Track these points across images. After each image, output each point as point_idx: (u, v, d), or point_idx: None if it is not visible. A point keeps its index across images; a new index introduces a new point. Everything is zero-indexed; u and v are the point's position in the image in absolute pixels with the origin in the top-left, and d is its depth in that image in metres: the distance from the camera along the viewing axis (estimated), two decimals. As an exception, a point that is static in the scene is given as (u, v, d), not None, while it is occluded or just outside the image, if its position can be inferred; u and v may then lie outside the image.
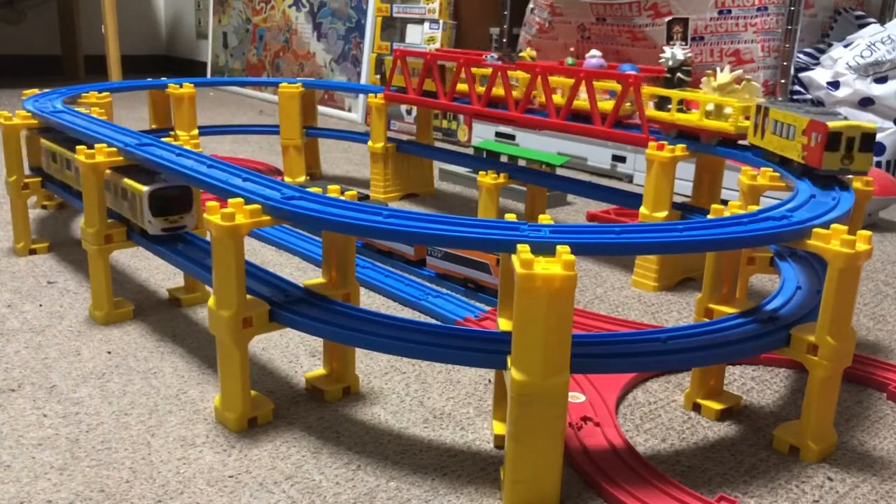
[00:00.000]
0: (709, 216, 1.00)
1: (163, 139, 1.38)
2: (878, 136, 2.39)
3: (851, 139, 1.13)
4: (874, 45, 2.39)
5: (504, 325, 0.97)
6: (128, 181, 1.25)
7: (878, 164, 2.38)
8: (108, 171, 1.28)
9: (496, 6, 3.23)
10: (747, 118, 1.42)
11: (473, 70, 1.88)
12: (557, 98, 1.75)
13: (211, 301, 1.00)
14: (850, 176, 1.18)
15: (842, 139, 1.12)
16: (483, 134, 2.91)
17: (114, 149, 1.30)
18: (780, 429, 1.03)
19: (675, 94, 1.55)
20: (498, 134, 2.87)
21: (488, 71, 1.83)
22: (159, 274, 1.59)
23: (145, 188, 1.22)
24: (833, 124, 1.12)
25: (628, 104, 1.61)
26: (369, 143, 2.19)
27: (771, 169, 1.29)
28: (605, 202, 1.85)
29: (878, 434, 1.07)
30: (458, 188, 2.44)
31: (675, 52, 1.58)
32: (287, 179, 2.31)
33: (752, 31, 2.38)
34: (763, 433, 1.06)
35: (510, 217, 0.93)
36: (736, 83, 1.47)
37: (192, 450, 0.98)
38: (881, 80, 2.38)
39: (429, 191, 2.34)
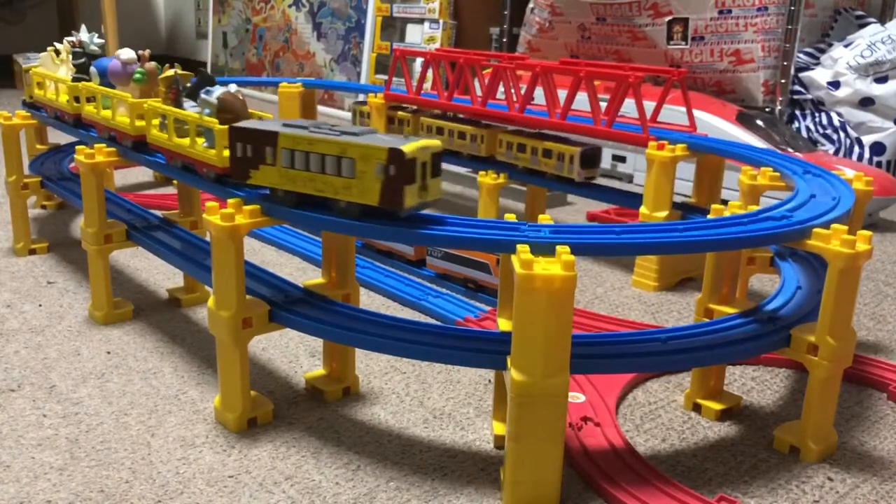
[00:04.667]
0: (709, 216, 1.00)
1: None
2: (878, 137, 2.39)
3: (424, 164, 0.90)
4: (874, 44, 2.39)
5: (504, 325, 0.97)
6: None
7: (879, 164, 2.38)
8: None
9: (496, 6, 3.23)
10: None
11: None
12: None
13: (211, 301, 1.00)
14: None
15: (416, 167, 0.88)
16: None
17: (113, 149, 1.30)
18: (781, 429, 1.03)
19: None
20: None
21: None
22: (159, 274, 1.59)
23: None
24: (409, 148, 0.87)
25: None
26: (369, 143, 2.18)
27: (771, 168, 1.29)
28: (605, 202, 1.84)
29: (878, 434, 1.07)
30: (458, 188, 2.43)
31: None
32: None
33: (753, 30, 2.38)
34: (763, 433, 1.06)
35: (510, 217, 0.93)
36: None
37: (192, 450, 0.98)
38: (881, 79, 2.38)
39: (429, 191, 2.33)
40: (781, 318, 1.02)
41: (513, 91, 1.78)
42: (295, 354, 1.26)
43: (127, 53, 1.33)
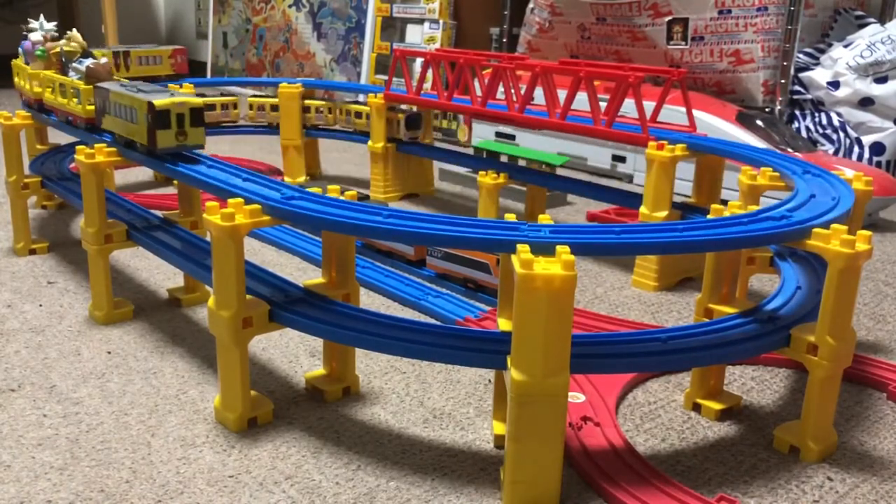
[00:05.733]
0: (709, 216, 1.01)
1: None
2: (878, 137, 2.39)
3: (181, 115, 1.19)
4: (874, 45, 2.39)
5: (504, 325, 0.97)
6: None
7: (878, 164, 2.38)
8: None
9: (496, 6, 3.23)
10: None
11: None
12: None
13: (211, 301, 1.00)
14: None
15: (171, 116, 1.18)
16: (483, 134, 2.91)
17: (114, 149, 1.30)
18: (780, 429, 1.03)
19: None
20: (498, 134, 2.87)
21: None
22: (159, 274, 1.59)
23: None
24: (159, 101, 1.17)
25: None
26: (369, 143, 2.19)
27: (771, 168, 1.29)
28: (605, 202, 1.85)
29: (878, 434, 1.07)
30: (458, 188, 2.44)
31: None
32: (287, 179, 2.31)
33: (752, 31, 2.38)
34: (763, 433, 1.06)
35: (510, 217, 0.93)
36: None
37: (192, 450, 0.98)
38: (881, 80, 2.38)
39: (429, 191, 2.34)
40: (781, 317, 1.02)
41: (513, 91, 1.78)
42: (295, 354, 1.26)
43: (35, 36, 1.67)
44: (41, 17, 1.79)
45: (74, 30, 1.87)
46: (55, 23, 1.80)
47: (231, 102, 2.35)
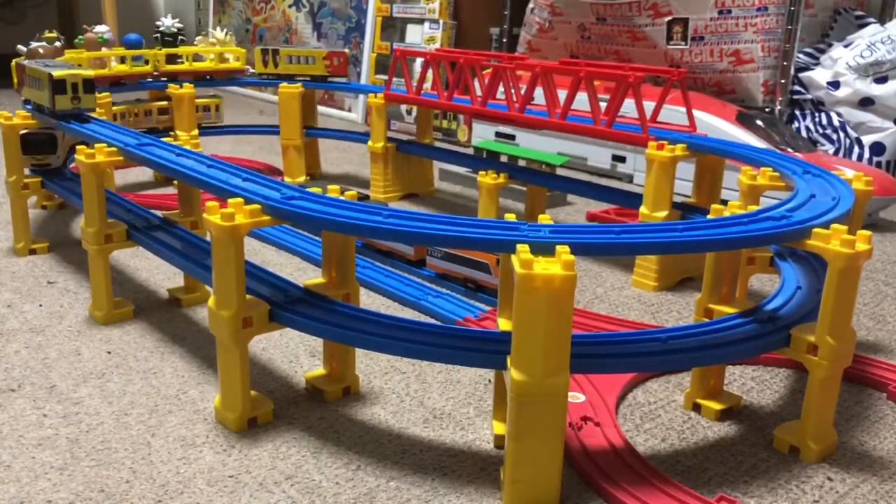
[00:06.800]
0: (709, 216, 1.01)
1: (163, 139, 1.38)
2: (878, 137, 2.39)
3: (75, 84, 1.48)
4: (874, 45, 2.39)
5: (504, 325, 0.97)
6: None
7: (878, 164, 2.38)
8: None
9: (496, 6, 3.23)
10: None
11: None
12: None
13: (211, 301, 1.00)
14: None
15: (66, 84, 1.47)
16: (483, 134, 2.91)
17: (114, 148, 1.30)
18: (780, 429, 1.03)
19: None
20: (498, 134, 2.87)
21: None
22: (159, 274, 1.59)
23: None
24: (56, 73, 1.47)
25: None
26: (369, 143, 2.18)
27: (771, 168, 1.29)
28: (605, 202, 1.84)
29: (878, 434, 1.07)
30: (458, 188, 2.43)
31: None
32: (287, 179, 2.31)
33: (752, 31, 2.38)
34: (763, 433, 1.06)
35: (510, 217, 0.93)
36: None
37: (192, 450, 0.98)
38: (881, 80, 2.38)
39: (429, 191, 2.34)
40: (781, 317, 1.02)
41: (512, 91, 1.78)
42: (295, 354, 1.26)
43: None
44: (169, 14, 2.02)
45: (217, 28, 2.20)
46: (177, 20, 2.14)
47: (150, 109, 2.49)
